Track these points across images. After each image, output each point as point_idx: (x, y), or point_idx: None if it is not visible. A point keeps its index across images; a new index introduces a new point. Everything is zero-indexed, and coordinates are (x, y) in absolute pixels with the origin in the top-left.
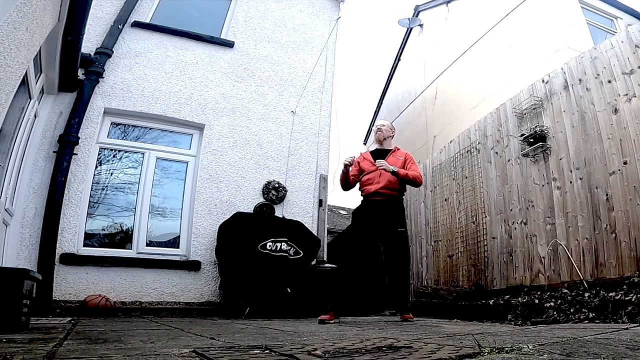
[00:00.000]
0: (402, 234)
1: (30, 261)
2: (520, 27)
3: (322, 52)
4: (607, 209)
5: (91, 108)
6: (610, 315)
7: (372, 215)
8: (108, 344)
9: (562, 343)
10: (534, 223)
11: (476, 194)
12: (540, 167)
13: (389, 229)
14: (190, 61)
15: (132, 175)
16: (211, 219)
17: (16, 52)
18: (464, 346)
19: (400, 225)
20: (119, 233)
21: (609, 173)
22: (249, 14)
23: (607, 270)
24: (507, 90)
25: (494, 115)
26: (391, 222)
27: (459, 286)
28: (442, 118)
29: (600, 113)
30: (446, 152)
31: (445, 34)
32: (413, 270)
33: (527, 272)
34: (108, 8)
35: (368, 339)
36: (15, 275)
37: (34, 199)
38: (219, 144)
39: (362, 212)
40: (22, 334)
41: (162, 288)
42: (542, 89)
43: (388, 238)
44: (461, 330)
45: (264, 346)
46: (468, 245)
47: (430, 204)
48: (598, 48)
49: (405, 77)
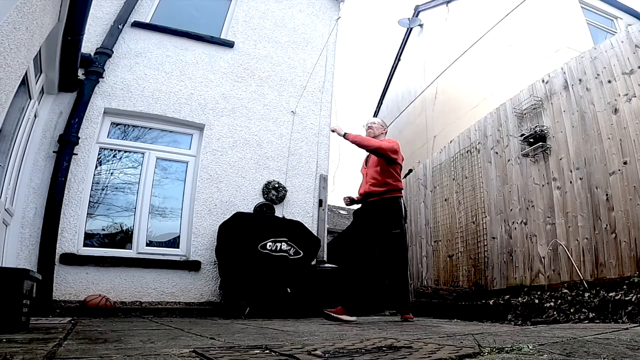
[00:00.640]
0: (397, 235)
1: (30, 261)
2: (520, 27)
3: (322, 52)
4: (607, 209)
5: (91, 108)
6: (610, 315)
7: (367, 216)
8: (108, 344)
9: (562, 343)
10: (534, 223)
11: (476, 194)
12: (540, 167)
13: (384, 231)
14: (190, 61)
15: (132, 175)
16: (211, 219)
17: (16, 52)
18: (464, 346)
19: (395, 227)
20: (119, 233)
21: (609, 173)
22: (249, 14)
23: (607, 270)
24: (507, 90)
25: (494, 115)
26: (385, 224)
27: (459, 286)
28: (442, 118)
29: (600, 113)
30: (446, 152)
31: (445, 34)
32: (413, 270)
33: (527, 272)
34: (108, 8)
35: (368, 339)
36: (15, 275)
37: (34, 199)
38: (219, 144)
39: (358, 213)
40: (22, 334)
41: (162, 288)
42: (542, 89)
43: (383, 240)
44: (461, 330)
45: (264, 346)
46: (468, 245)
47: (430, 203)
48: (598, 48)
49: (405, 77)
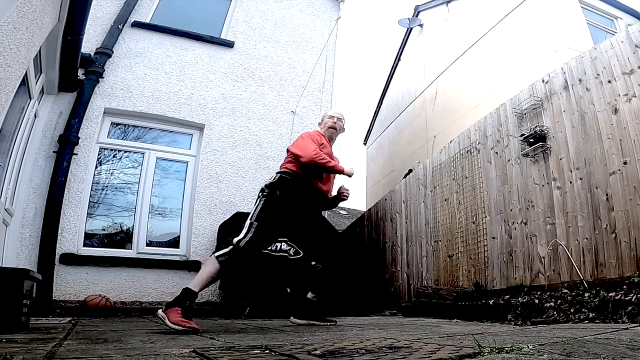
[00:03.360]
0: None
1: (30, 261)
2: (520, 27)
3: (322, 52)
4: (607, 209)
5: (91, 108)
6: (610, 315)
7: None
8: (108, 344)
9: (562, 343)
10: (534, 223)
11: (476, 194)
12: (540, 167)
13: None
14: (190, 61)
15: (132, 175)
16: (211, 218)
17: (16, 52)
18: (464, 346)
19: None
20: (119, 233)
21: (609, 173)
22: (249, 14)
23: (607, 270)
24: (507, 90)
25: (494, 115)
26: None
27: (459, 286)
28: (442, 118)
29: (600, 113)
30: (446, 152)
31: (445, 34)
32: (413, 270)
33: (527, 272)
34: (108, 8)
35: (368, 338)
36: (15, 275)
37: (34, 199)
38: (219, 144)
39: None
40: (22, 334)
41: (163, 288)
42: (542, 89)
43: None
44: (461, 330)
45: (264, 346)
46: (468, 245)
47: (430, 204)
48: (598, 48)
49: (405, 77)
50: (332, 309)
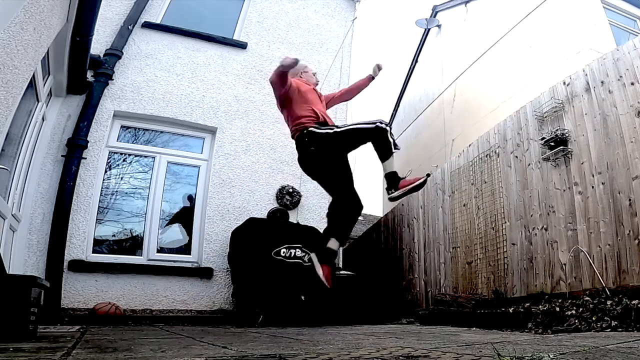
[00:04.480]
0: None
1: (38, 268)
2: (540, 28)
3: (338, 53)
4: (630, 215)
5: (100, 111)
6: (634, 323)
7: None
8: (118, 353)
9: (583, 352)
10: (554, 229)
11: (495, 199)
12: (562, 172)
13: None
14: (202, 63)
15: (142, 179)
16: (223, 224)
17: (23, 53)
18: (483, 355)
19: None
20: (129, 239)
21: (632, 178)
22: (263, 14)
23: (630, 278)
24: (527, 92)
25: (513, 118)
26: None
27: (477, 294)
28: (460, 121)
29: (623, 116)
30: (465, 156)
31: (463, 35)
32: (431, 278)
33: (547, 279)
34: (118, 8)
35: (384, 347)
36: (23, 282)
37: (41, 204)
38: (231, 148)
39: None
40: (29, 342)
41: (173, 296)
42: (563, 91)
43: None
44: (480, 339)
45: (278, 355)
46: (487, 252)
47: (448, 209)
48: (621, 49)
49: (423, 78)
50: (349, 318)
